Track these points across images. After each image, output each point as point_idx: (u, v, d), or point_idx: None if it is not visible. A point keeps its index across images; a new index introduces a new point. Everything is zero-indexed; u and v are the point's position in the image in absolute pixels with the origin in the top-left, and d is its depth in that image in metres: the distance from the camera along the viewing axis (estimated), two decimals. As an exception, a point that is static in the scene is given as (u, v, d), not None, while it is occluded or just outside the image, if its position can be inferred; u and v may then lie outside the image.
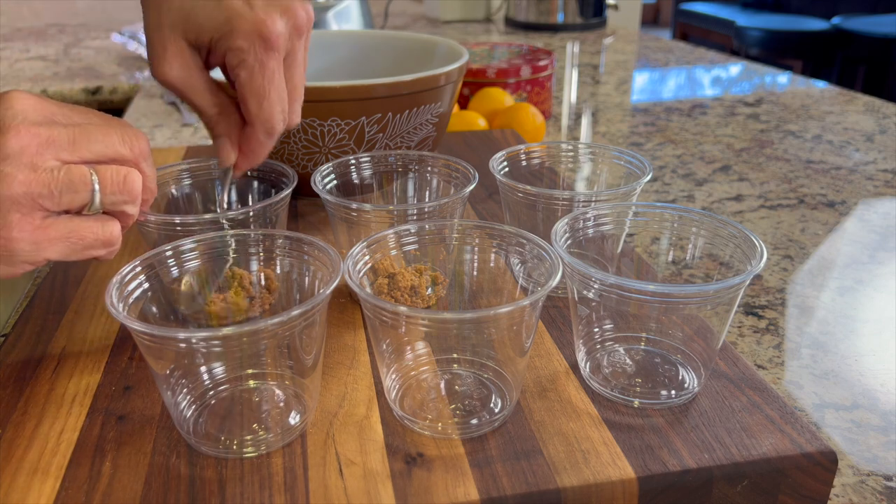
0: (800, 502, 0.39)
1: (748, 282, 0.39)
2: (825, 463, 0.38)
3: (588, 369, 0.44)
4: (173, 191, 0.57)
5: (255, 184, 0.58)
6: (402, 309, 0.37)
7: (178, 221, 0.48)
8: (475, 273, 0.47)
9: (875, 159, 0.97)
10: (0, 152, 0.36)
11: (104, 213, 0.41)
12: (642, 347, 0.46)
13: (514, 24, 1.97)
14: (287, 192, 0.52)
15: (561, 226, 0.44)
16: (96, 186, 0.39)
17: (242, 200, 0.59)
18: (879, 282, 0.66)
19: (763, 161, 0.97)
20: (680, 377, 0.44)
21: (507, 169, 0.56)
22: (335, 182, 0.56)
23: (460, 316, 0.37)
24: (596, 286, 0.40)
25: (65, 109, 0.40)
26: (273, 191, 0.57)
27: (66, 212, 0.39)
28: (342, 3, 1.43)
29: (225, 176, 0.52)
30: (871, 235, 0.75)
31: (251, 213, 0.50)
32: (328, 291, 0.37)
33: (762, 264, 0.39)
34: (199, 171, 0.58)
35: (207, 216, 0.48)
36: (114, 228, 0.41)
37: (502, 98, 1.03)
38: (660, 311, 0.43)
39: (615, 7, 1.96)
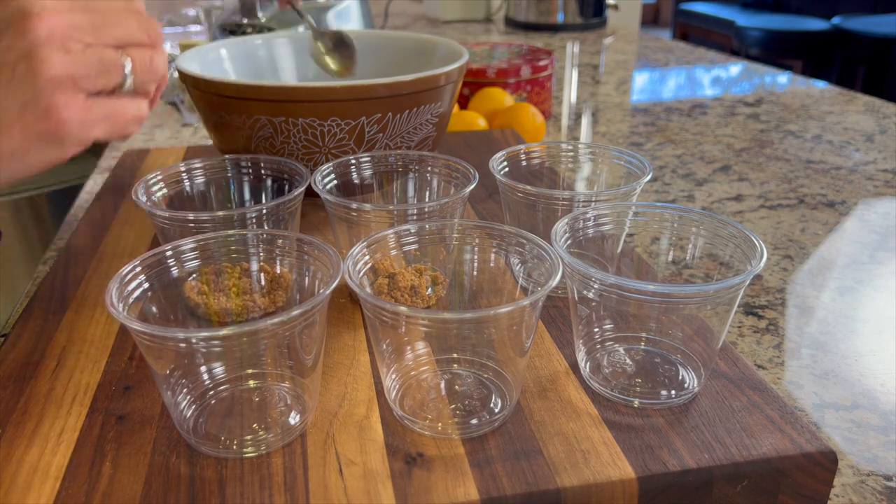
0: (800, 502, 0.39)
1: (748, 282, 0.39)
2: (825, 463, 0.38)
3: (588, 369, 0.44)
4: (188, 188, 0.58)
5: (269, 182, 0.59)
6: (402, 309, 0.37)
7: (191, 218, 0.48)
8: (475, 273, 0.47)
9: (875, 159, 0.97)
10: (32, 37, 0.37)
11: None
12: (642, 347, 0.46)
13: (514, 24, 1.97)
14: (301, 189, 0.52)
15: (561, 226, 0.44)
16: (128, 68, 0.41)
17: (256, 198, 0.60)
18: (879, 282, 0.66)
19: (763, 161, 0.97)
20: (680, 377, 0.44)
21: (507, 169, 0.56)
22: (335, 182, 0.56)
23: (460, 316, 0.37)
24: (596, 286, 0.40)
25: None
26: (287, 188, 0.57)
27: (99, 93, 0.40)
28: (342, 3, 1.43)
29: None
30: (871, 235, 0.75)
31: (265, 211, 0.50)
32: (328, 291, 0.37)
33: (762, 264, 0.39)
34: (213, 169, 0.58)
35: (221, 213, 0.48)
36: (144, 106, 0.43)
37: (502, 98, 1.03)
38: (660, 311, 0.43)
39: (615, 7, 1.96)
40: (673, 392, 0.42)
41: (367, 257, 0.43)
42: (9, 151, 0.38)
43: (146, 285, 0.41)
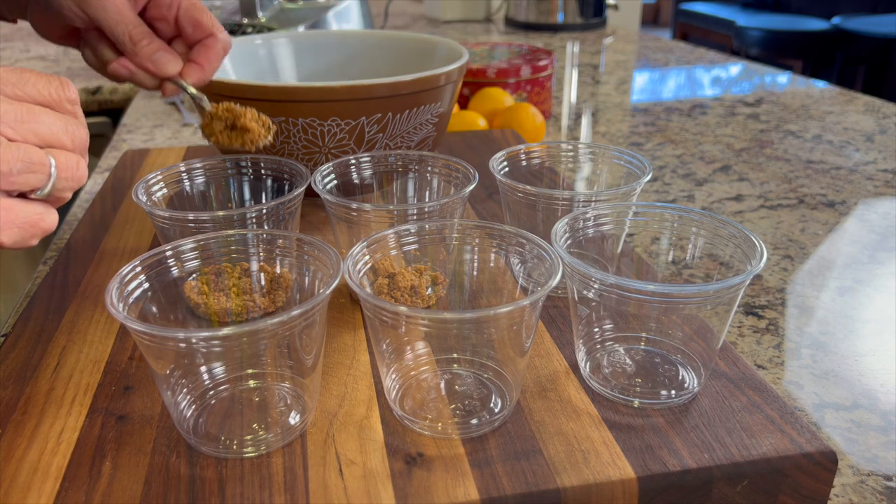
0: (800, 502, 0.39)
1: (748, 282, 0.39)
2: (825, 463, 0.38)
3: (588, 369, 0.44)
4: (188, 188, 0.58)
5: (270, 182, 0.59)
6: (402, 309, 0.37)
7: (191, 218, 0.48)
8: (475, 273, 0.47)
9: (875, 159, 0.97)
10: None
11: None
12: (642, 347, 0.46)
13: (514, 24, 1.97)
14: (301, 189, 0.52)
15: (561, 226, 0.44)
16: (54, 171, 0.36)
17: (256, 198, 0.60)
18: (879, 282, 0.66)
19: (763, 161, 0.97)
20: (680, 377, 0.44)
21: (507, 169, 0.56)
22: (335, 182, 0.56)
23: (460, 316, 0.37)
24: (596, 286, 0.40)
25: (11, 76, 0.36)
26: (287, 188, 0.57)
27: (8, 193, 0.35)
28: (342, 3, 1.43)
29: (182, 92, 0.52)
30: (871, 235, 0.75)
31: (265, 211, 0.50)
32: (328, 291, 0.37)
33: (762, 264, 0.39)
34: (213, 169, 0.58)
35: (221, 213, 0.48)
36: (55, 218, 0.38)
37: (502, 98, 1.03)
38: (660, 311, 0.43)
39: (615, 7, 1.96)
40: (673, 392, 0.42)
41: (367, 257, 0.43)
42: None
43: (146, 285, 0.41)
